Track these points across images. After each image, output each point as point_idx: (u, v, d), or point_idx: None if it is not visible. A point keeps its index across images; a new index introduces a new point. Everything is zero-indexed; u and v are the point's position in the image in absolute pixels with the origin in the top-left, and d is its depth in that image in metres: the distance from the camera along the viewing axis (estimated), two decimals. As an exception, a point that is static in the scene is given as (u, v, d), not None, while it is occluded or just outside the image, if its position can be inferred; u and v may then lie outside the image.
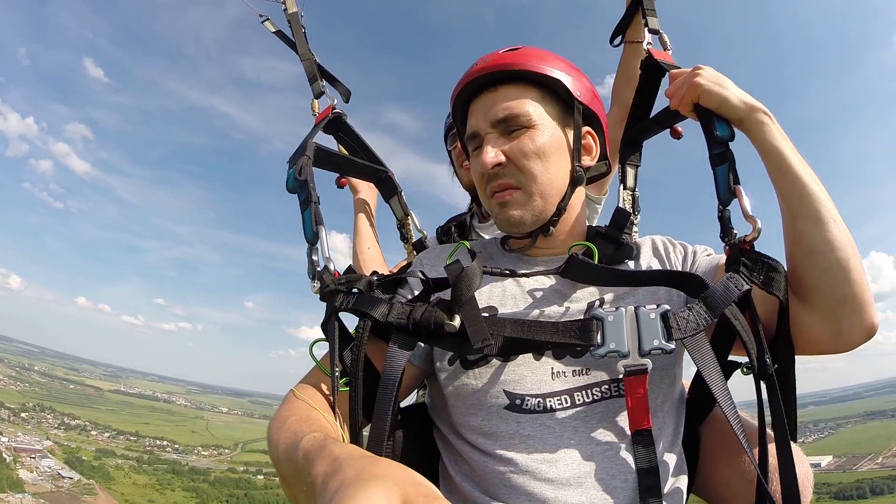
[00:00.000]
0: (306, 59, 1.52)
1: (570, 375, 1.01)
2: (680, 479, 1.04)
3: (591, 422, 0.99)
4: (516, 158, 1.09)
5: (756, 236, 1.00)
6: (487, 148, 1.09)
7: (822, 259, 0.96)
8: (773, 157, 1.02)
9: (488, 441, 1.01)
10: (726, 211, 1.05)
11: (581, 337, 0.94)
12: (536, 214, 1.12)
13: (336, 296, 1.04)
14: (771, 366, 0.94)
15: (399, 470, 0.60)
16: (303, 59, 1.53)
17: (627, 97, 1.46)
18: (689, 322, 0.92)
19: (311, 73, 1.51)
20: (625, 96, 1.65)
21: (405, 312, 1.00)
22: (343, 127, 1.47)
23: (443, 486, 1.09)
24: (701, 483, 1.17)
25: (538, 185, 1.10)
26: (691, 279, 1.02)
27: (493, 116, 1.11)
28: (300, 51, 1.53)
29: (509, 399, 1.01)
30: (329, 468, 0.65)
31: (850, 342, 0.98)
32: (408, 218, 1.70)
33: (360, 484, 0.56)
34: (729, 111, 1.06)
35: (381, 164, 1.52)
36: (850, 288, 0.95)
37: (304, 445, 0.77)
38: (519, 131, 1.10)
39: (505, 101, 1.11)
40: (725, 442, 1.13)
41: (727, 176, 1.05)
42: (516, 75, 1.12)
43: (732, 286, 0.95)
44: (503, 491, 0.96)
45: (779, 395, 0.93)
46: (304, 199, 1.16)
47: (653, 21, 1.41)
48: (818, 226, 0.97)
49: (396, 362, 0.97)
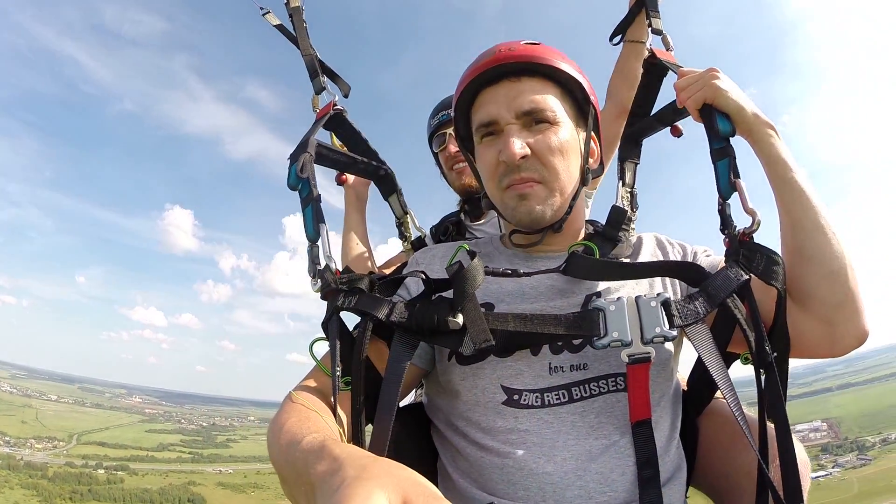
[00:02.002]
0: (307, 55, 1.50)
1: (568, 370, 1.02)
2: (679, 471, 1.05)
3: (588, 416, 1.00)
4: (541, 153, 1.09)
5: (756, 228, 1.02)
6: (514, 139, 1.07)
7: (820, 267, 0.99)
8: (779, 169, 1.04)
9: (486, 437, 1.02)
10: (726, 204, 1.07)
11: (584, 328, 0.96)
12: (555, 210, 1.13)
13: (337, 295, 1.05)
14: (770, 354, 0.95)
15: (400, 470, 0.60)
16: (304, 55, 1.51)
17: (623, 95, 1.51)
18: (689, 310, 0.94)
19: (312, 68, 1.50)
20: (621, 94, 1.69)
21: (407, 312, 1.01)
22: (344, 124, 1.48)
23: (441, 484, 1.10)
24: (700, 475, 1.18)
25: (559, 182, 1.11)
26: (691, 269, 1.04)
27: (518, 107, 1.09)
28: (301, 46, 1.51)
29: (507, 394, 1.02)
30: (329, 468, 0.65)
31: (844, 347, 1.00)
32: (406, 216, 1.67)
33: (360, 483, 0.56)
34: (742, 120, 1.08)
35: (381, 161, 1.52)
36: (846, 296, 0.98)
37: (304, 446, 0.77)
38: (543, 125, 1.10)
39: (531, 93, 1.10)
40: (724, 434, 1.15)
41: (728, 170, 1.06)
42: (541, 69, 1.11)
43: (732, 276, 0.98)
44: (501, 486, 0.97)
45: (778, 384, 0.94)
46: (305, 197, 1.16)
47: (656, 22, 1.43)
48: (818, 236, 0.99)
49: (400, 362, 0.98)
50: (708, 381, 1.05)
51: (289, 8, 1.51)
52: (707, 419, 1.20)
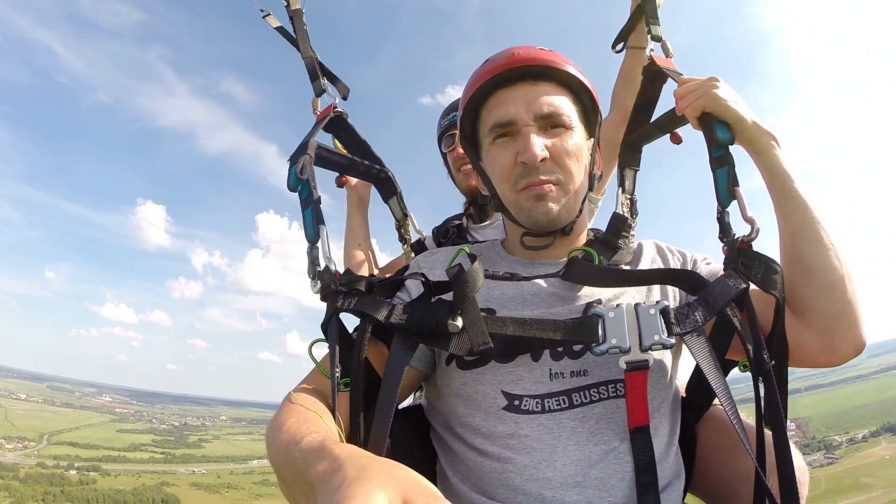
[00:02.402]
0: (308, 57, 1.49)
1: (568, 376, 1.03)
2: (677, 477, 1.06)
3: (588, 422, 1.00)
4: (559, 156, 1.10)
5: (755, 236, 1.02)
6: (535, 141, 1.08)
7: (820, 278, 0.99)
8: (780, 180, 1.05)
9: (486, 441, 1.02)
10: (725, 213, 1.07)
11: (583, 334, 0.96)
12: (569, 213, 1.14)
13: (337, 297, 1.05)
14: (768, 362, 0.95)
15: (400, 470, 0.60)
16: (304, 57, 1.49)
17: (628, 102, 1.50)
18: (688, 318, 0.94)
19: (312, 70, 1.48)
20: (625, 101, 1.68)
21: (407, 314, 1.01)
22: (344, 126, 1.47)
23: (440, 488, 1.07)
24: (698, 481, 1.19)
25: (574, 185, 1.13)
26: (690, 277, 1.04)
27: (537, 109, 1.11)
28: (302, 48, 1.50)
29: (507, 400, 1.02)
30: (329, 468, 0.65)
31: (842, 357, 1.01)
32: (406, 219, 1.66)
33: (360, 483, 0.56)
34: (742, 130, 1.08)
35: (381, 164, 1.52)
36: (845, 306, 0.98)
37: (304, 446, 0.76)
38: (559, 129, 1.12)
39: (549, 96, 1.11)
40: (722, 441, 1.16)
41: (727, 178, 1.06)
42: (558, 75, 1.13)
43: (731, 284, 0.98)
44: (501, 491, 0.97)
45: (776, 392, 0.94)
46: (305, 198, 1.16)
47: (656, 28, 1.43)
48: (818, 247, 1.00)
49: (398, 364, 0.98)
50: (706, 387, 1.06)
51: (289, 10, 1.50)
52: (706, 425, 1.21)
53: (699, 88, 1.12)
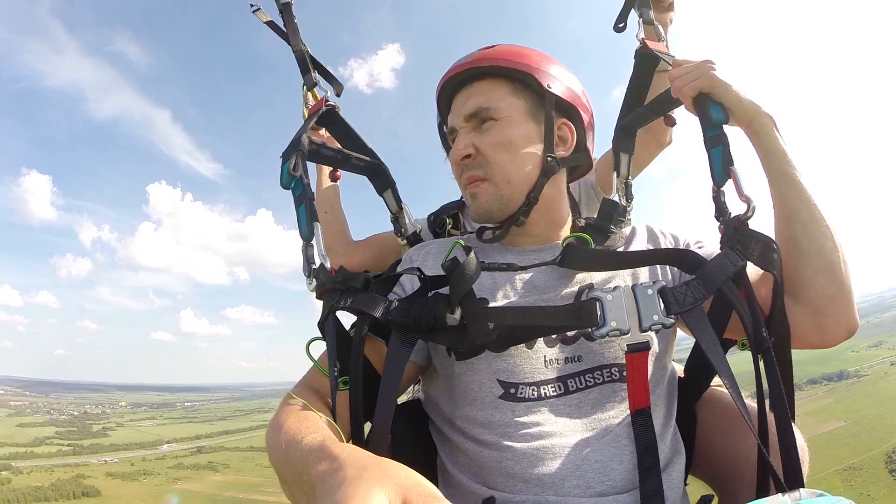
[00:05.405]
0: (298, 50, 1.48)
1: (563, 363, 1.04)
2: (678, 458, 1.06)
3: (585, 408, 1.01)
4: (484, 150, 1.13)
5: (751, 215, 1.02)
6: (458, 142, 1.15)
7: (814, 260, 1.00)
8: (777, 161, 1.04)
9: (484, 431, 1.03)
10: (721, 192, 1.07)
11: (582, 318, 0.96)
12: (504, 204, 1.15)
13: (333, 294, 1.05)
14: (768, 339, 0.95)
15: (400, 470, 0.61)
16: (295, 51, 1.49)
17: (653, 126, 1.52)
18: (686, 296, 0.95)
19: (303, 64, 1.48)
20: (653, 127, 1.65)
21: (404, 309, 1.01)
22: (336, 120, 1.47)
23: (441, 480, 1.12)
24: (699, 462, 1.19)
25: (504, 176, 1.13)
26: (687, 256, 1.04)
27: (465, 111, 1.16)
28: (293, 42, 1.49)
29: (504, 388, 1.03)
30: (329, 468, 0.65)
31: (834, 338, 1.02)
32: (402, 211, 1.64)
33: (360, 483, 0.57)
34: (741, 111, 1.07)
35: (375, 157, 1.51)
36: (840, 288, 0.99)
37: (304, 446, 0.77)
38: (488, 123, 1.14)
39: (477, 95, 1.16)
40: (722, 420, 1.16)
41: (722, 158, 1.06)
42: (490, 71, 1.16)
43: (728, 262, 0.98)
44: (501, 480, 0.99)
45: (777, 370, 0.94)
46: (298, 195, 1.16)
47: (646, 13, 1.42)
48: (814, 228, 1.00)
49: (398, 360, 0.99)
50: (705, 367, 1.08)
51: (279, 4, 1.50)
52: (705, 406, 1.21)
53: (696, 69, 1.11)
